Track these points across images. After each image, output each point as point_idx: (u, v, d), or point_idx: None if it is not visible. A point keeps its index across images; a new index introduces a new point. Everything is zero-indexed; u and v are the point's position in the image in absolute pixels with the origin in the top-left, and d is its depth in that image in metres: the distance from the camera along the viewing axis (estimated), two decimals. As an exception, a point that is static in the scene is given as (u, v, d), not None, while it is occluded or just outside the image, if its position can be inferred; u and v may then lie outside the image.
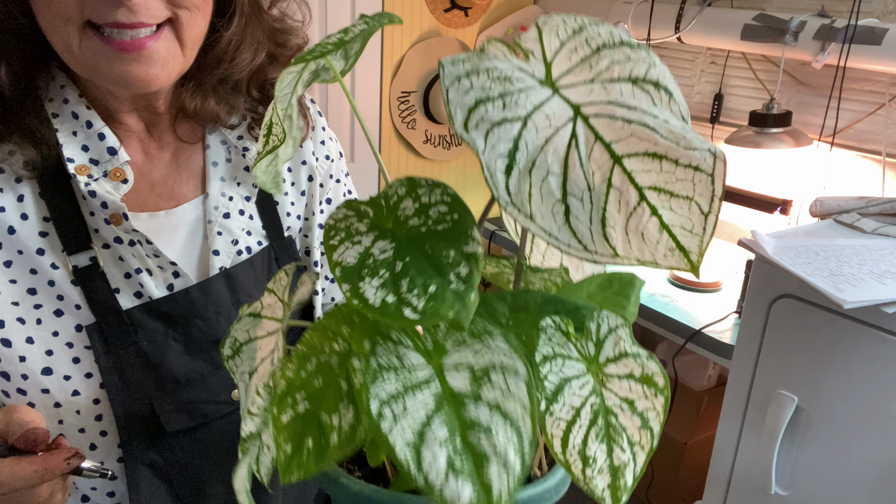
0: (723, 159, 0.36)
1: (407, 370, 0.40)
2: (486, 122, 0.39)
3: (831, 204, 1.40)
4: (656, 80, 0.43)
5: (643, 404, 0.45)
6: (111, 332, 0.74)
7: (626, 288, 0.55)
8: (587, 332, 0.45)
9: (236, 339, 0.53)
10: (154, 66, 0.68)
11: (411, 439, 0.37)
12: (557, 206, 0.37)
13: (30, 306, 0.72)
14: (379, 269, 0.40)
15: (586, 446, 0.42)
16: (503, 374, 0.39)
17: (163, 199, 0.80)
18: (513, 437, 0.38)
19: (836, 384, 1.13)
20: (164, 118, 0.80)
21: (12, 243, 0.72)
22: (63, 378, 0.73)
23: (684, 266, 0.36)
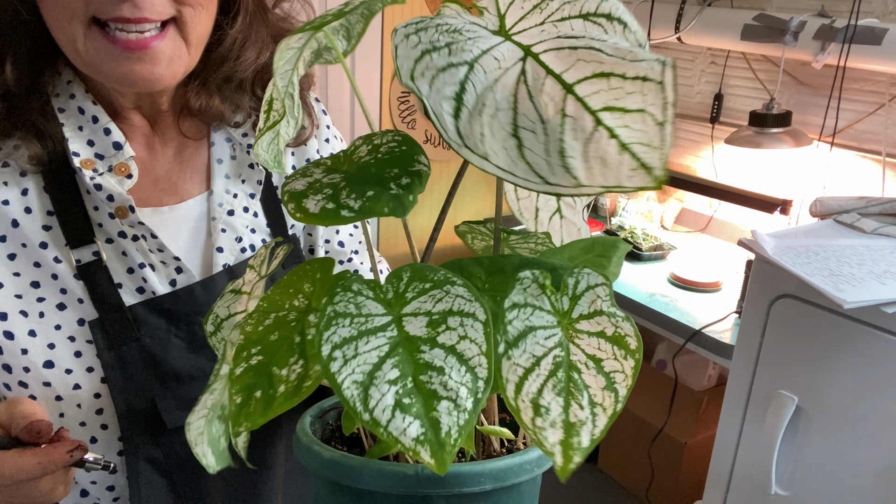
0: (671, 65, 0.36)
1: (363, 317, 0.40)
2: (431, 68, 0.39)
3: (831, 204, 1.40)
4: (608, 12, 0.43)
5: (611, 364, 0.43)
6: (113, 328, 0.74)
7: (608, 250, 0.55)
8: (564, 287, 0.45)
9: (217, 315, 0.54)
10: (159, 66, 0.68)
11: (360, 379, 0.37)
12: (509, 141, 0.37)
13: (33, 299, 0.73)
14: (323, 188, 0.42)
15: (540, 395, 0.41)
16: (461, 318, 0.39)
17: (166, 195, 0.80)
18: (466, 376, 0.37)
19: (836, 384, 1.13)
20: (168, 116, 0.80)
21: (16, 236, 0.72)
22: (65, 372, 0.74)
23: (649, 183, 0.35)
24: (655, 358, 2.33)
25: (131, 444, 0.76)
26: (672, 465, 2.13)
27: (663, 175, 0.35)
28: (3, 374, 0.73)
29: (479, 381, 0.38)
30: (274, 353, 0.43)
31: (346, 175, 0.43)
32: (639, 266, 2.07)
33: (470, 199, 2.71)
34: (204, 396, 0.47)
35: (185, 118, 0.82)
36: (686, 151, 2.34)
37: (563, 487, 2.36)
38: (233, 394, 0.42)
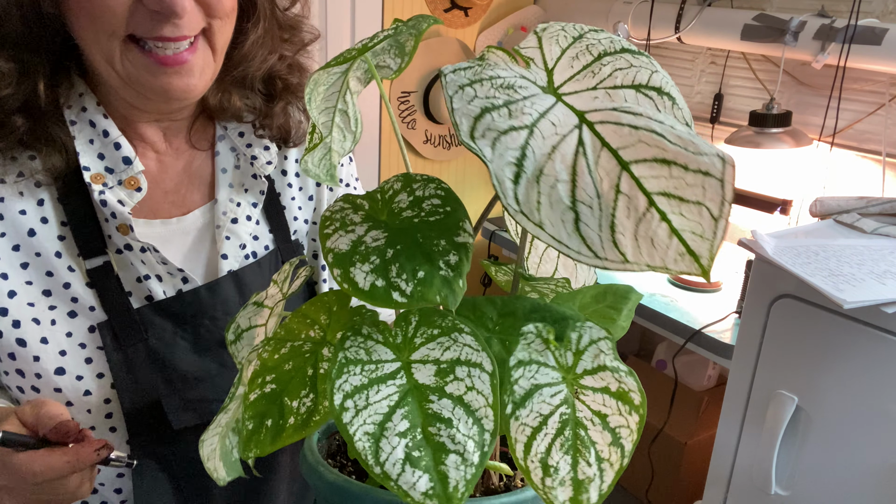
0: (731, 164, 0.36)
1: (373, 364, 0.40)
2: (493, 130, 0.39)
3: (831, 204, 1.40)
4: (659, 86, 0.43)
5: (616, 420, 0.44)
6: (122, 329, 0.75)
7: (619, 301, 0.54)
8: (567, 342, 0.45)
9: (239, 325, 0.55)
10: (193, 77, 0.71)
11: (371, 430, 0.37)
12: (567, 214, 0.37)
13: (45, 307, 0.74)
14: (370, 255, 0.41)
15: (549, 455, 0.41)
16: (468, 367, 0.40)
17: (175, 207, 0.81)
18: (473, 429, 0.38)
19: (836, 384, 1.13)
20: (183, 125, 0.82)
21: (31, 246, 0.73)
22: (76, 378, 0.74)
23: (695, 270, 0.36)
24: (655, 358, 2.33)
25: (137, 444, 0.77)
26: (672, 465, 2.13)
27: (710, 265, 0.36)
28: (17, 378, 0.74)
29: (486, 433, 0.38)
30: (287, 383, 0.43)
31: (389, 235, 0.42)
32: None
33: (471, 199, 2.71)
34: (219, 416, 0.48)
35: (195, 128, 0.83)
36: (686, 151, 2.34)
37: (563, 487, 2.36)
38: (245, 419, 0.42)
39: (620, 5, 2.23)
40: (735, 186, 0.37)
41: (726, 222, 0.36)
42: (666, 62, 2.34)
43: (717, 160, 0.37)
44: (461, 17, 2.47)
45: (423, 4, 2.38)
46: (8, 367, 0.74)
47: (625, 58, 0.44)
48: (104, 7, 0.65)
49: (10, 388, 0.75)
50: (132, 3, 0.65)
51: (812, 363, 1.16)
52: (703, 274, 0.35)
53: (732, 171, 0.36)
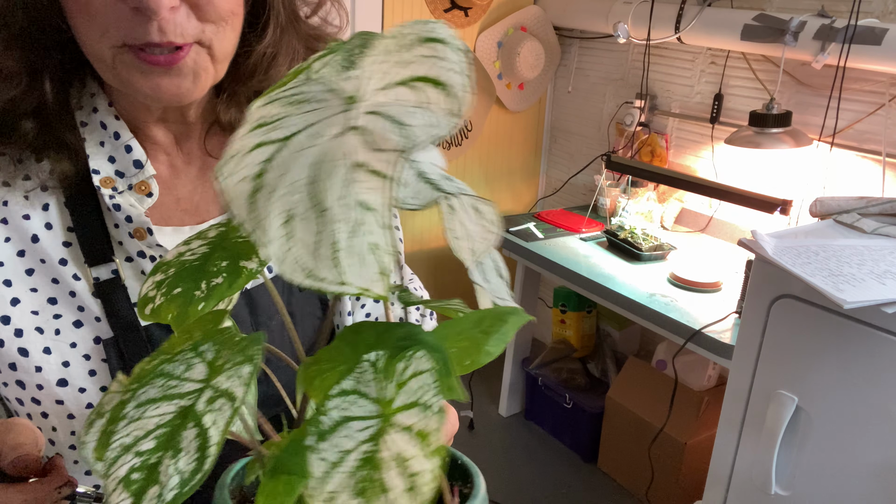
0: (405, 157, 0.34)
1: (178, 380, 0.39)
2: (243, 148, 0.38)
3: (831, 204, 1.40)
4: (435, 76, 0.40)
5: (415, 465, 0.39)
6: (128, 348, 0.73)
7: (494, 324, 0.50)
8: (390, 372, 0.41)
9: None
10: (185, 80, 0.68)
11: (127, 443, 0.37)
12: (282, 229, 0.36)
13: (49, 316, 0.72)
14: (169, 267, 0.42)
15: (337, 496, 0.38)
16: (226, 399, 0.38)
17: (188, 215, 0.79)
18: (191, 465, 0.36)
19: (836, 384, 1.13)
20: (195, 130, 0.79)
21: (36, 252, 0.71)
22: (78, 390, 0.73)
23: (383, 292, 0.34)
24: (655, 358, 2.33)
25: None
26: (672, 465, 2.13)
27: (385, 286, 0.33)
28: (16, 390, 0.72)
29: (199, 473, 0.36)
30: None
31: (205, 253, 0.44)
32: (639, 266, 2.07)
33: (470, 199, 2.70)
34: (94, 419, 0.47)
35: (211, 136, 0.81)
36: (686, 151, 2.34)
37: (563, 487, 2.36)
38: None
39: (620, 5, 2.23)
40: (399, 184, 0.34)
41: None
42: (666, 62, 2.34)
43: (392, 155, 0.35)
44: (461, 17, 2.47)
45: (422, 5, 2.38)
46: (7, 378, 0.72)
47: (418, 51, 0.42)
48: (90, 6, 0.63)
49: (9, 399, 0.73)
50: (116, 2, 0.64)
51: (812, 363, 1.16)
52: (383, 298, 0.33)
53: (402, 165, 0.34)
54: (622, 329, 2.61)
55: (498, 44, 2.55)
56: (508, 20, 2.54)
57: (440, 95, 0.39)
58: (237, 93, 0.77)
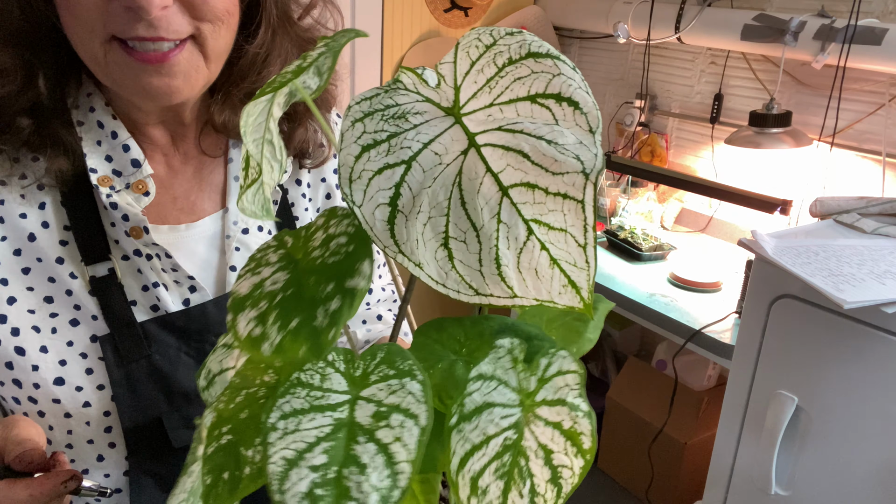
0: (593, 182, 0.34)
1: (321, 391, 0.38)
2: (368, 171, 0.37)
3: (831, 204, 1.40)
4: (558, 92, 0.39)
5: (560, 459, 0.42)
6: (124, 345, 0.73)
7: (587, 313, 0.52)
8: (534, 366, 0.43)
9: (210, 370, 0.52)
10: (176, 79, 0.67)
11: (290, 456, 0.35)
12: (440, 252, 0.35)
13: (45, 315, 0.72)
14: (260, 300, 0.39)
15: (481, 476, 0.39)
16: (404, 417, 0.37)
17: (184, 213, 0.79)
18: (385, 482, 0.36)
19: (836, 384, 1.13)
20: (191, 130, 0.79)
21: (32, 250, 0.71)
22: (75, 389, 0.73)
23: (577, 303, 0.33)
24: (655, 358, 2.33)
25: (136, 461, 0.75)
26: (672, 465, 2.13)
27: (590, 298, 0.33)
28: (12, 389, 0.72)
29: (396, 490, 0.36)
30: (243, 433, 0.41)
31: (290, 278, 0.41)
32: (639, 266, 2.07)
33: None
34: (182, 479, 0.46)
35: (206, 135, 0.81)
36: (686, 151, 2.34)
37: (564, 487, 2.36)
38: (204, 474, 0.40)
39: (620, 5, 2.23)
40: (596, 212, 0.34)
41: (594, 250, 0.34)
42: (666, 62, 2.34)
43: (579, 178, 0.34)
44: (461, 17, 2.47)
45: (422, 4, 2.38)
46: (4, 378, 0.72)
47: (527, 65, 0.40)
48: (80, 6, 0.63)
49: (6, 398, 0.73)
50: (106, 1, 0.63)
51: (812, 363, 1.16)
52: (585, 308, 0.33)
53: (593, 190, 0.34)
54: (622, 329, 2.61)
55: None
56: (508, 20, 2.54)
57: (572, 112, 0.39)
58: (231, 94, 0.77)
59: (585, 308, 0.34)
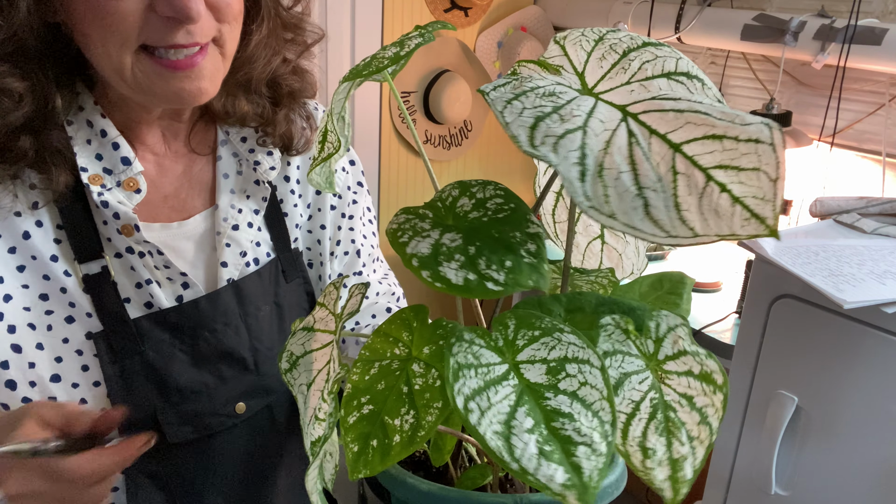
0: (778, 128, 0.39)
1: (485, 367, 0.42)
2: (551, 136, 0.41)
3: (831, 204, 1.40)
4: (687, 70, 0.46)
5: (702, 400, 0.46)
6: (118, 342, 0.74)
7: (677, 286, 0.58)
8: (646, 331, 0.47)
9: (292, 352, 0.55)
10: (204, 81, 0.70)
11: (500, 429, 0.39)
12: (636, 201, 0.39)
13: (41, 312, 0.72)
14: (453, 254, 0.43)
15: (646, 438, 0.44)
16: (578, 364, 0.41)
17: (175, 211, 0.80)
18: (594, 421, 0.40)
19: (836, 384, 1.13)
20: (183, 128, 0.80)
21: (27, 248, 0.71)
22: (71, 386, 0.73)
23: (762, 231, 0.37)
24: (655, 358, 2.33)
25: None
26: (672, 465, 2.12)
27: (776, 224, 0.38)
28: (4, 393, 0.72)
29: (606, 424, 0.40)
30: (384, 403, 0.44)
31: (464, 235, 0.44)
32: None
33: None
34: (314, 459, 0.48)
35: (195, 132, 0.82)
36: (686, 151, 2.34)
37: (563, 487, 2.36)
38: (348, 441, 0.44)
39: (620, 5, 2.23)
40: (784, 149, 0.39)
41: (784, 182, 0.38)
42: (666, 62, 2.34)
43: (764, 128, 0.39)
44: (461, 17, 2.47)
45: (422, 4, 2.38)
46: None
47: (649, 50, 0.47)
48: (116, 16, 0.63)
49: None
50: (144, 11, 0.64)
51: (812, 363, 1.16)
52: (771, 233, 0.37)
53: (780, 134, 0.38)
54: (622, 329, 2.61)
55: (498, 44, 2.55)
56: (508, 20, 2.54)
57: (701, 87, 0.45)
58: (227, 82, 0.78)
59: (772, 233, 0.38)
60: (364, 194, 0.98)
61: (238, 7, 0.70)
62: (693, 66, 0.46)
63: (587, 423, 0.39)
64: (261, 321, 0.83)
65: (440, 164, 2.59)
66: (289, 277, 0.87)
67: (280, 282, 0.86)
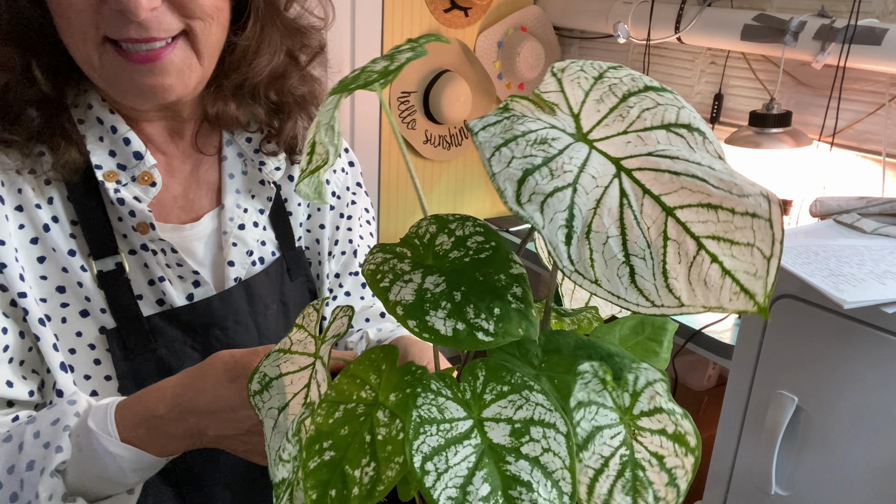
0: (777, 202, 0.37)
1: (448, 423, 0.40)
2: (539, 194, 0.39)
3: (831, 204, 1.40)
4: (688, 122, 0.43)
5: (672, 461, 0.45)
6: (130, 338, 0.74)
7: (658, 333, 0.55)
8: (624, 383, 0.46)
9: (266, 374, 0.53)
10: (169, 77, 0.68)
11: (454, 494, 0.37)
12: (622, 269, 0.38)
13: (57, 304, 0.73)
14: (439, 301, 0.41)
15: (611, 497, 0.42)
16: (543, 428, 0.40)
17: (184, 212, 0.80)
18: (553, 493, 0.38)
19: (836, 384, 1.13)
20: (188, 128, 0.80)
21: (47, 240, 0.72)
22: (83, 377, 0.74)
23: (750, 308, 0.36)
24: (655, 358, 2.33)
25: None
26: (672, 465, 2.13)
27: (766, 302, 0.36)
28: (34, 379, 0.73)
29: (565, 496, 0.38)
30: (346, 450, 0.43)
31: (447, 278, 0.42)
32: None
33: (469, 199, 2.70)
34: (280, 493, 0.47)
35: (201, 133, 0.82)
36: (686, 151, 2.34)
37: (564, 487, 2.36)
38: (307, 487, 0.42)
39: (620, 5, 2.23)
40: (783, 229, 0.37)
41: (778, 261, 0.37)
42: (666, 62, 2.34)
43: (763, 200, 0.37)
44: (461, 18, 2.47)
45: (422, 5, 2.38)
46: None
47: (650, 96, 0.44)
48: (71, 8, 0.64)
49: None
50: (97, 3, 0.64)
51: (812, 363, 1.16)
52: (760, 311, 0.36)
53: (779, 210, 0.37)
54: (622, 329, 2.61)
55: (498, 44, 2.55)
56: (508, 20, 2.54)
57: (702, 141, 0.42)
58: (222, 86, 0.78)
59: (760, 311, 0.36)
60: (362, 195, 0.98)
61: (210, 3, 0.68)
62: (695, 117, 0.43)
63: (545, 493, 0.38)
64: (269, 319, 0.84)
65: (440, 164, 2.59)
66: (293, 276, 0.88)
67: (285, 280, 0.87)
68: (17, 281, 0.70)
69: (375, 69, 0.47)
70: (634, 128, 0.43)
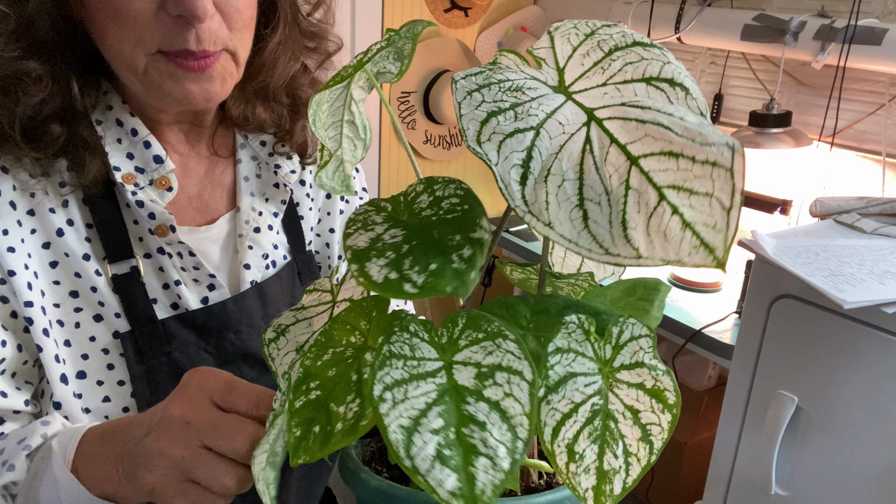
0: (741, 152, 0.36)
1: (416, 360, 0.40)
2: (499, 133, 0.39)
3: (831, 204, 1.40)
4: (671, 77, 0.42)
5: (648, 417, 0.44)
6: (145, 341, 0.74)
7: (650, 293, 0.55)
8: (608, 335, 0.45)
9: (280, 323, 0.54)
10: (214, 84, 0.70)
11: (406, 424, 0.37)
12: (575, 212, 0.37)
13: (70, 309, 0.72)
14: (386, 251, 0.41)
15: (576, 442, 0.42)
16: (508, 374, 0.40)
17: (199, 214, 0.81)
18: (507, 435, 0.38)
19: (836, 384, 1.13)
20: (206, 131, 0.81)
21: (60, 245, 0.72)
22: (96, 383, 0.74)
23: (710, 263, 0.35)
24: (655, 358, 2.33)
25: None
26: (672, 465, 2.13)
27: (725, 257, 0.35)
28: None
29: (519, 441, 0.38)
30: (332, 390, 0.43)
31: (407, 232, 0.43)
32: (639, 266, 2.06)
33: (470, 199, 2.70)
34: (269, 430, 0.48)
35: (217, 135, 0.83)
36: (686, 151, 2.34)
37: (564, 487, 2.36)
38: (292, 426, 0.43)
39: (620, 5, 2.23)
40: (744, 179, 0.36)
41: (738, 212, 0.35)
42: (666, 62, 2.34)
43: (726, 150, 0.36)
44: (461, 18, 2.47)
45: (422, 5, 2.38)
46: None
47: (636, 51, 0.44)
48: (128, 16, 0.64)
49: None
50: (156, 11, 0.64)
51: (812, 363, 1.16)
52: (718, 265, 0.35)
53: (742, 159, 0.36)
54: (622, 329, 2.61)
55: (498, 44, 2.55)
56: (508, 20, 2.54)
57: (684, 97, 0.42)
58: (245, 89, 0.79)
59: (719, 265, 0.35)
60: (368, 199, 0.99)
61: (249, 13, 0.70)
62: (680, 72, 0.42)
63: (498, 434, 0.37)
64: None
65: (440, 164, 2.59)
66: (304, 279, 0.88)
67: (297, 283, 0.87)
68: (24, 289, 0.69)
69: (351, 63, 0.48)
70: (614, 80, 0.42)
